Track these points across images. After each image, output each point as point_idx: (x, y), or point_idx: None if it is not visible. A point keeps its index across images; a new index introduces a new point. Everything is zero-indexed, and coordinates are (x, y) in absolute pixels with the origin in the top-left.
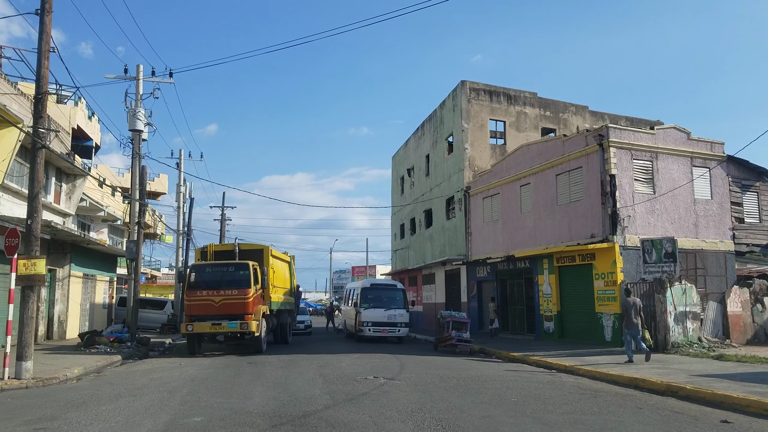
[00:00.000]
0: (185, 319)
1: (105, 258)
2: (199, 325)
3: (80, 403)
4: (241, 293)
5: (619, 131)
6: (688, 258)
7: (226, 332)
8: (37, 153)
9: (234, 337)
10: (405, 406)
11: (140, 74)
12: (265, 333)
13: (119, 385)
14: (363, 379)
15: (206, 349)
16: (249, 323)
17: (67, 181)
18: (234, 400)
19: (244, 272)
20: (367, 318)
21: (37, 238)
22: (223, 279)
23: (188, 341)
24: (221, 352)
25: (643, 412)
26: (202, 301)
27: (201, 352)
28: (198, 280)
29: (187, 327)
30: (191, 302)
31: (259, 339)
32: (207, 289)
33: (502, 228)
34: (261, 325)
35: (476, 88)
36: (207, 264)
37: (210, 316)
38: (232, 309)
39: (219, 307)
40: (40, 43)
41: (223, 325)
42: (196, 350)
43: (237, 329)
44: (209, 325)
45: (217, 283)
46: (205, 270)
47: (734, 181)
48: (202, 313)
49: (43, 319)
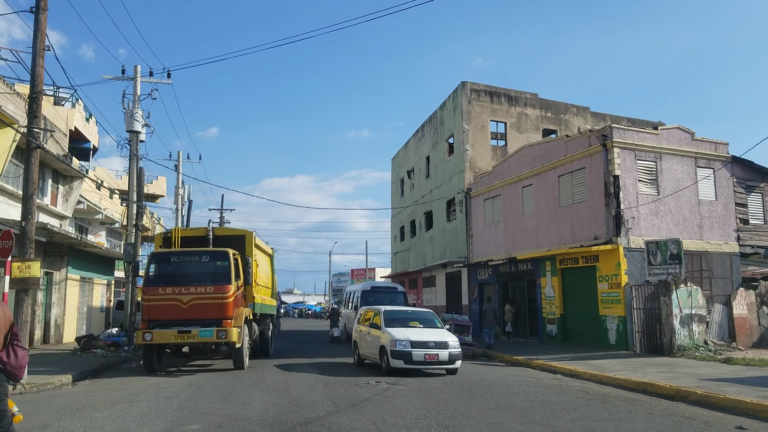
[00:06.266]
0: (142, 324)
1: (103, 261)
2: (162, 334)
3: (74, 410)
4: (218, 291)
5: (622, 131)
6: (693, 260)
7: (197, 343)
8: (31, 153)
9: (207, 348)
10: (409, 412)
11: (138, 75)
12: (248, 343)
13: (115, 391)
14: (365, 383)
15: (170, 364)
16: (228, 331)
17: (64, 183)
18: (233, 407)
19: (223, 263)
20: None
21: (31, 241)
22: (194, 272)
23: (145, 355)
24: (190, 368)
25: (655, 418)
26: (165, 301)
27: (162, 369)
28: (160, 273)
29: (144, 336)
30: (151, 302)
31: (240, 351)
32: (172, 284)
33: (503, 230)
34: (243, 334)
35: (477, 89)
36: (173, 252)
37: (176, 322)
38: (205, 312)
39: (188, 309)
40: (35, 41)
41: (193, 333)
42: (155, 366)
43: (212, 338)
44: (175, 333)
45: (186, 278)
46: (169, 260)
47: (738, 181)
48: (166, 316)
49: (39, 322)
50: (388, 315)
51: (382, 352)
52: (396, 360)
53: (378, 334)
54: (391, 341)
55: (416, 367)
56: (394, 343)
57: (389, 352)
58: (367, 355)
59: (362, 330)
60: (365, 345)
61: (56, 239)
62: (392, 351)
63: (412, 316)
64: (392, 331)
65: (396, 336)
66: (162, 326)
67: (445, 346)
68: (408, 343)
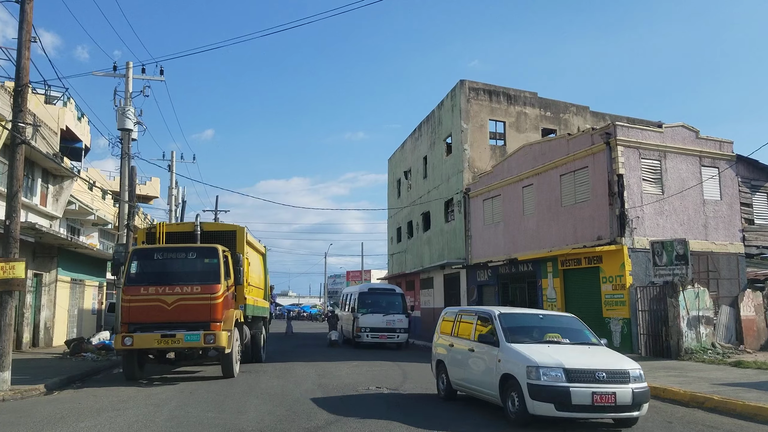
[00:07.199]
0: (122, 328)
1: (94, 262)
2: (143, 338)
3: (57, 419)
4: (205, 291)
5: (626, 129)
6: (700, 260)
7: (183, 348)
8: (16, 149)
9: (193, 354)
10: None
11: (130, 72)
12: (239, 349)
13: (102, 398)
14: (365, 390)
15: (152, 371)
16: (217, 334)
17: (54, 183)
18: (226, 415)
19: (211, 260)
20: (365, 323)
21: (16, 240)
22: (179, 270)
23: (124, 361)
24: (175, 375)
25: (674, 427)
26: (147, 302)
27: (144, 377)
28: (142, 270)
29: (124, 340)
30: (132, 303)
31: (229, 358)
32: (155, 284)
33: (503, 230)
34: (233, 338)
35: (475, 87)
36: (156, 248)
37: (159, 324)
38: (192, 313)
39: (173, 311)
40: (21, 32)
41: (178, 337)
42: (136, 374)
43: (199, 343)
44: (158, 337)
45: (170, 276)
46: (152, 256)
47: (743, 181)
48: (148, 319)
49: (28, 325)
50: (508, 322)
51: (508, 387)
52: (539, 402)
53: (495, 355)
54: (528, 369)
55: (577, 416)
56: (534, 371)
57: (525, 387)
58: (469, 387)
59: (457, 346)
60: (466, 370)
61: (45, 240)
62: (531, 386)
63: (547, 324)
64: (524, 350)
65: (536, 360)
66: (144, 329)
67: (624, 378)
68: (561, 372)
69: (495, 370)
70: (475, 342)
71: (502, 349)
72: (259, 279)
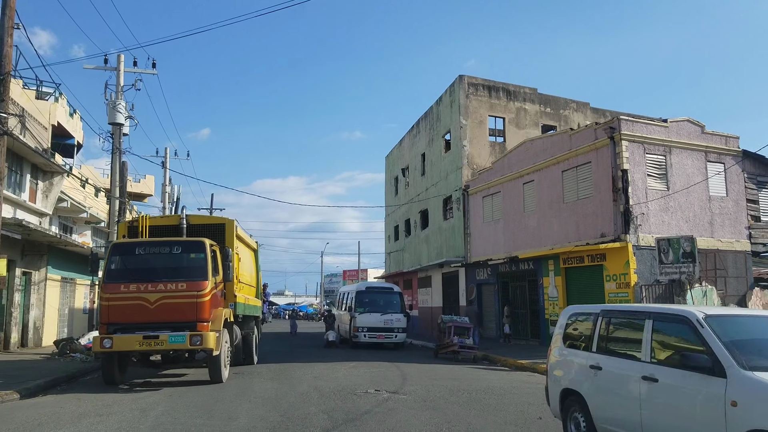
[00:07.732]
0: (101, 328)
1: (86, 261)
2: (124, 339)
3: (35, 426)
4: (191, 288)
5: (630, 123)
6: (707, 258)
7: (167, 350)
8: None
9: (179, 357)
10: (416, 427)
11: (121, 65)
12: (228, 351)
13: (86, 401)
14: (363, 393)
15: (138, 375)
16: (204, 336)
17: (44, 179)
18: (216, 422)
19: (198, 255)
20: (362, 323)
21: None
22: (163, 265)
23: (103, 364)
24: (161, 379)
25: None
26: (128, 301)
27: (126, 381)
28: (123, 266)
29: (102, 342)
30: (111, 302)
31: (217, 361)
32: (137, 281)
33: (503, 228)
34: (221, 339)
35: (474, 83)
36: (137, 242)
37: (142, 325)
38: (177, 313)
39: (156, 310)
40: (3, 18)
41: (162, 338)
42: (116, 378)
43: (185, 345)
44: (140, 338)
45: (153, 272)
46: (134, 251)
47: (750, 177)
48: (129, 319)
49: (16, 325)
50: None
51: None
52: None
53: (718, 393)
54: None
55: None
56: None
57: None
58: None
59: (610, 369)
60: (635, 412)
61: (34, 237)
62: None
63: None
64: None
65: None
66: (124, 330)
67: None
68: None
69: (723, 421)
70: (657, 365)
71: (737, 383)
72: (251, 276)
